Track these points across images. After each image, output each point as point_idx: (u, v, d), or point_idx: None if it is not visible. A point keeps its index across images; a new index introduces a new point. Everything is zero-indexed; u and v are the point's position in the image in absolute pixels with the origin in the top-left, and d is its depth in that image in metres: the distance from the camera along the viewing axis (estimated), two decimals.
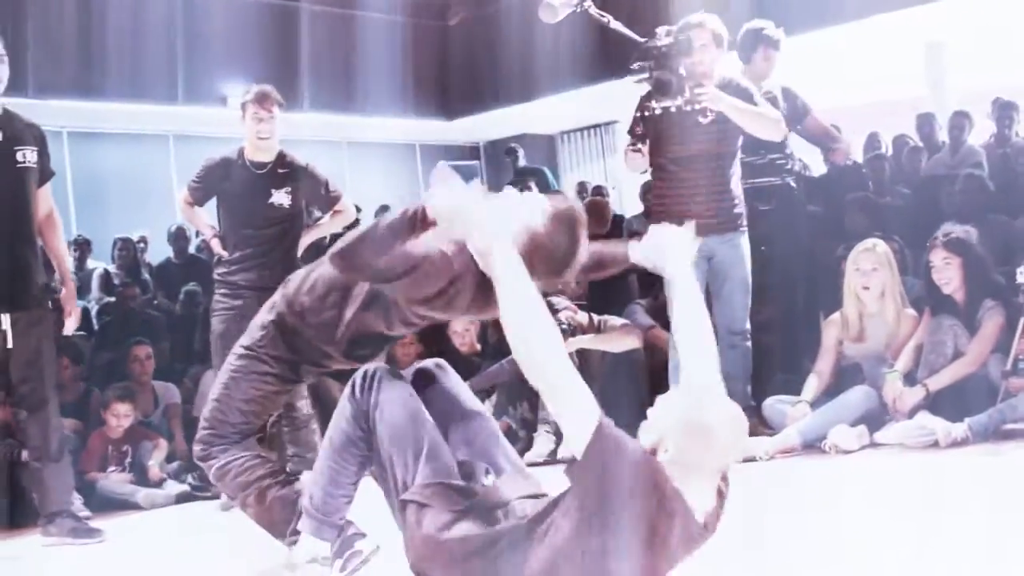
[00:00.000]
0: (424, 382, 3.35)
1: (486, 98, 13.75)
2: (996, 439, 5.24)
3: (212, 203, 6.18)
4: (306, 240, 6.25)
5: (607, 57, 10.27)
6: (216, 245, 6.06)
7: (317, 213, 7.11)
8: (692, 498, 2.61)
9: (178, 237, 10.25)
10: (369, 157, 14.64)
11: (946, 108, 10.30)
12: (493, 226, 2.88)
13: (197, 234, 10.49)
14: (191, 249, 10.34)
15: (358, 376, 3.18)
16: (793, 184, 6.60)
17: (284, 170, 6.06)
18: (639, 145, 5.72)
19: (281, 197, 6.03)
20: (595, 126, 15.32)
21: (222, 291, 6.02)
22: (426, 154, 15.04)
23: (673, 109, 5.61)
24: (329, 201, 6.29)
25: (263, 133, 5.97)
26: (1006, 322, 5.53)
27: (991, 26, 11.21)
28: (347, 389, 3.18)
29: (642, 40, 5.48)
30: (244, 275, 5.96)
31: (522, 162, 11.82)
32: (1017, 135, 8.68)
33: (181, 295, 8.93)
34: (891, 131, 9.95)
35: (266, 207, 5.99)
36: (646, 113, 5.72)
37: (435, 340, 7.76)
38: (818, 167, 8.17)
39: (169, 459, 6.89)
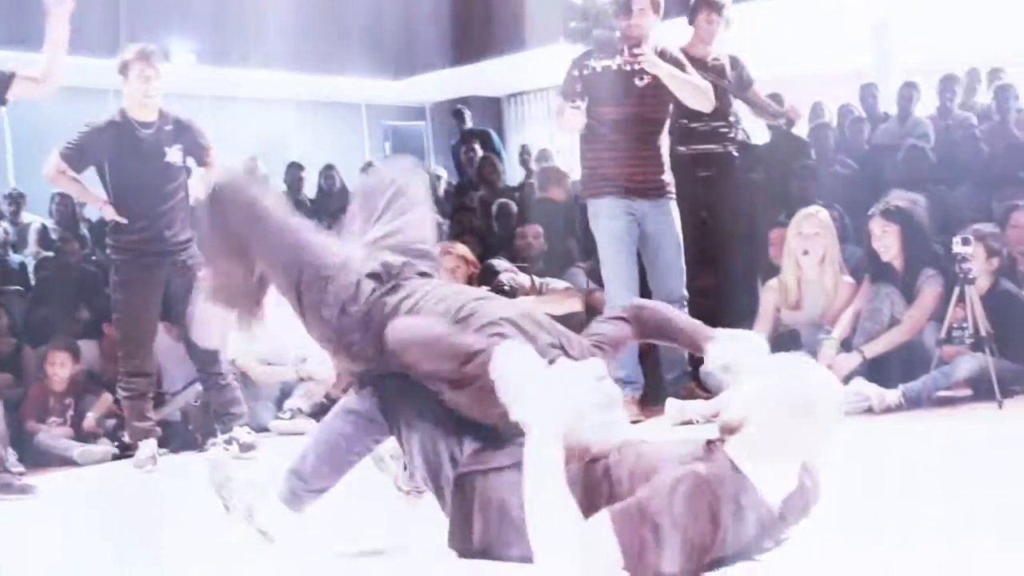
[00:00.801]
0: None
1: (433, 59, 13.68)
2: (929, 405, 5.32)
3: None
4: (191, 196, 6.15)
5: (554, 20, 10.23)
6: (110, 212, 5.94)
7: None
8: (766, 483, 2.56)
9: None
10: (315, 116, 14.52)
11: (891, 80, 10.38)
12: (543, 410, 2.61)
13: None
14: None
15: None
16: (735, 152, 6.63)
17: (170, 127, 6.01)
18: (578, 102, 5.70)
19: (174, 155, 5.99)
20: (542, 89, 15.29)
21: (124, 258, 5.95)
22: (372, 114, 14.95)
23: (614, 67, 5.62)
24: (203, 153, 6.17)
25: (151, 92, 5.90)
26: (944, 291, 5.60)
27: (936, 2, 11.31)
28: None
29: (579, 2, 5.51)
30: (150, 240, 5.92)
31: (468, 124, 11.78)
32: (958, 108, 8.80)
33: None
34: (836, 101, 10.01)
35: (164, 166, 5.95)
36: (584, 72, 5.72)
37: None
38: (761, 135, 8.20)
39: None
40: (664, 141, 5.84)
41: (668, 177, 5.82)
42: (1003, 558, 2.73)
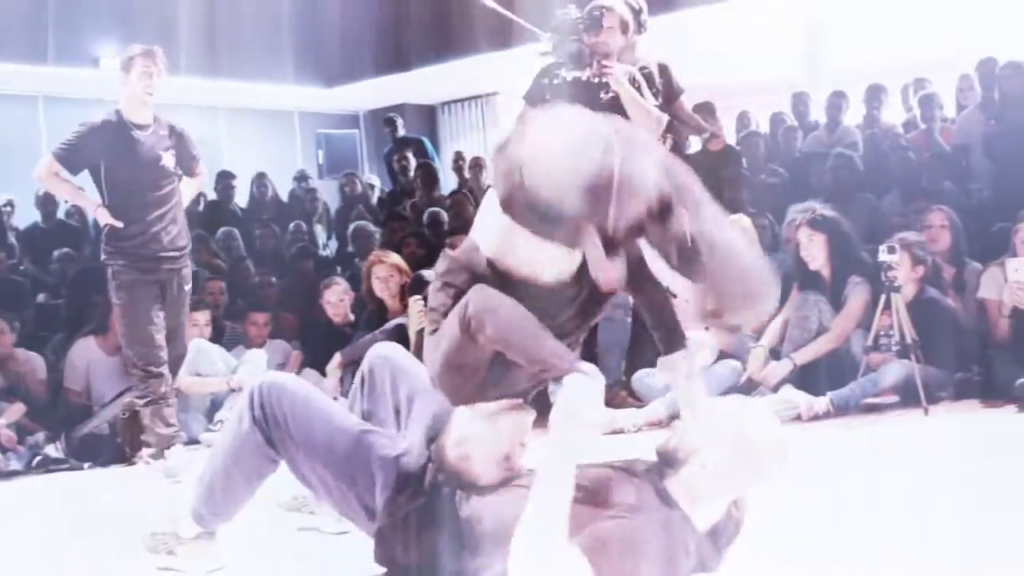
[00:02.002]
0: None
1: (366, 66, 13.61)
2: (857, 412, 5.39)
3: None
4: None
5: (488, 29, 10.25)
6: (105, 216, 5.82)
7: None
8: (701, 517, 2.57)
9: (46, 202, 9.97)
10: (246, 124, 14.38)
11: (822, 88, 10.48)
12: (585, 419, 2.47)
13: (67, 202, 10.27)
14: (60, 214, 10.08)
15: (255, 394, 2.98)
16: None
17: (164, 132, 5.93)
18: None
19: (168, 159, 5.90)
20: (476, 97, 15.27)
21: (121, 262, 5.81)
22: (304, 122, 14.83)
23: (583, 79, 5.67)
24: (193, 164, 6.15)
25: (151, 89, 5.79)
26: (871, 299, 5.68)
27: (868, 7, 11.43)
28: (246, 409, 2.97)
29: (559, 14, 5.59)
30: (147, 243, 5.81)
31: (401, 132, 11.75)
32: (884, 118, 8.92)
33: (54, 261, 8.73)
34: (767, 109, 10.09)
35: (158, 169, 5.85)
36: (554, 80, 5.76)
37: (307, 310, 7.70)
38: (693, 144, 8.24)
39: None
40: None
41: None
42: (929, 561, 2.77)
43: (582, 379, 2.46)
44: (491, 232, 2.63)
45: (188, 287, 6.05)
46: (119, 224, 5.79)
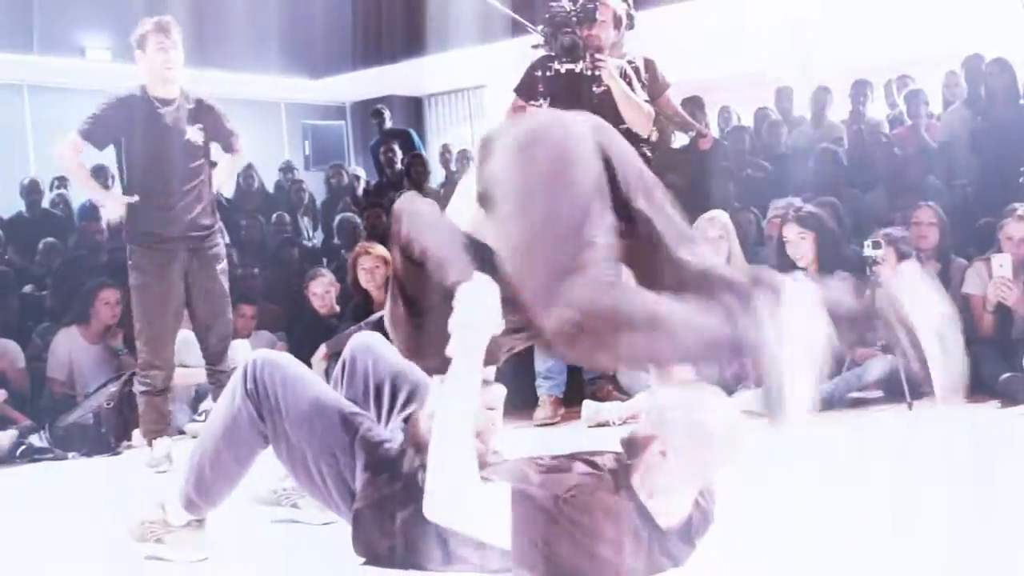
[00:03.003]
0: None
1: (352, 57, 13.59)
2: (842, 407, 5.40)
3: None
4: (215, 183, 5.93)
5: (476, 21, 10.24)
6: (115, 208, 5.70)
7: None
8: (663, 507, 2.58)
9: (31, 191, 9.94)
10: (232, 114, 14.30)
11: (808, 83, 10.51)
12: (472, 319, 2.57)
13: (51, 187, 10.22)
14: (44, 203, 10.05)
15: (248, 368, 2.99)
16: (649, 154, 6.68)
17: (191, 105, 5.73)
18: (541, 102, 5.75)
19: (195, 134, 5.69)
20: (462, 89, 15.26)
21: (140, 243, 5.62)
22: (291, 113, 14.80)
23: (578, 70, 5.68)
24: (232, 139, 5.98)
25: (170, 63, 5.61)
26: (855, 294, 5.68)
27: (854, 3, 11.46)
28: (239, 383, 2.99)
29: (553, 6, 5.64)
30: (168, 222, 5.60)
31: (388, 124, 11.73)
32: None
33: (39, 250, 8.69)
34: (752, 104, 10.10)
35: (183, 145, 5.64)
36: (547, 73, 5.77)
37: (293, 301, 7.68)
38: (679, 138, 8.24)
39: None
40: None
41: None
42: (913, 556, 2.78)
43: (474, 286, 2.55)
44: (464, 217, 2.76)
45: (221, 267, 5.82)
46: (134, 199, 5.60)
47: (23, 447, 6.31)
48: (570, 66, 5.70)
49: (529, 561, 2.51)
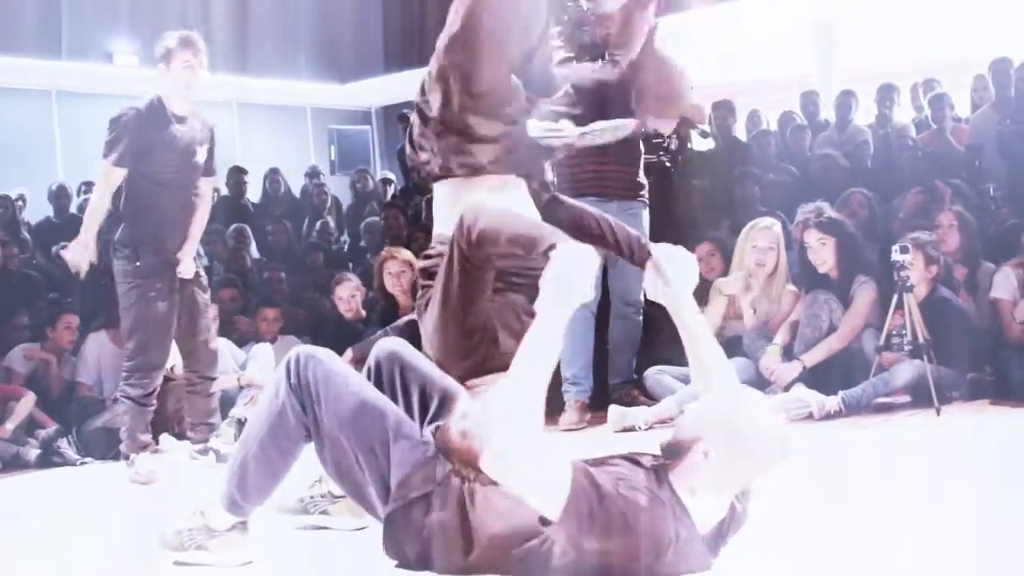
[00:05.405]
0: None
1: (378, 62, 13.62)
2: (869, 412, 5.38)
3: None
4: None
5: None
6: (76, 253, 5.46)
7: None
8: (702, 506, 2.60)
9: (59, 195, 10.01)
10: (260, 119, 14.41)
11: (832, 87, 10.47)
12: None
13: (79, 191, 10.29)
14: (72, 208, 10.11)
15: (291, 363, 2.99)
16: (668, 163, 6.71)
17: (200, 126, 5.61)
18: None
19: (202, 155, 5.56)
20: None
21: (126, 257, 5.46)
22: (317, 117, 14.85)
23: (597, 68, 5.68)
24: (210, 173, 5.80)
25: (194, 82, 5.47)
26: (879, 298, 5.67)
27: (880, 6, 11.42)
28: (282, 377, 2.98)
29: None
30: (164, 247, 5.49)
31: None
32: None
33: None
34: (777, 108, 10.06)
35: (191, 165, 5.52)
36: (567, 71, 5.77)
37: (318, 305, 7.69)
38: (703, 143, 8.24)
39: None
40: (640, 144, 5.92)
41: (643, 180, 5.88)
42: (940, 561, 2.77)
43: (576, 247, 2.60)
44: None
45: (202, 290, 5.75)
46: (94, 260, 5.49)
47: (39, 452, 6.33)
48: (589, 64, 5.67)
49: (576, 534, 2.50)
